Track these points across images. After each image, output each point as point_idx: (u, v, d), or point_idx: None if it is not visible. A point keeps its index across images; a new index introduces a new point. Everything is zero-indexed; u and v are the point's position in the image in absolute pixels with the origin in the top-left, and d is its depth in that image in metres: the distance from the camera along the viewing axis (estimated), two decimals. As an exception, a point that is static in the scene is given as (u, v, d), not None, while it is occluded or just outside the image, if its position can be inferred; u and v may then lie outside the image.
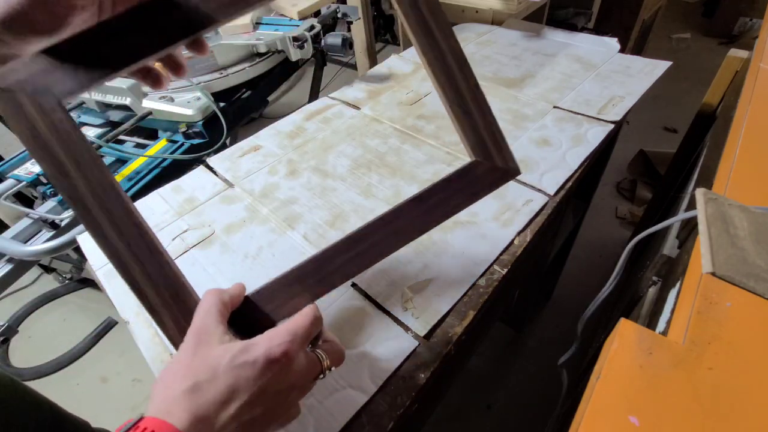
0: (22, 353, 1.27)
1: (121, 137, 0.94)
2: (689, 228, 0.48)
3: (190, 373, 0.25)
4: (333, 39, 0.97)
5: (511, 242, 0.50)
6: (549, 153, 0.62)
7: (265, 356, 0.26)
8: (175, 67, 0.34)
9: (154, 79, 0.34)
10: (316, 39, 0.99)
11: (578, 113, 0.69)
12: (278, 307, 0.32)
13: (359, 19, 1.15)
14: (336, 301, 0.46)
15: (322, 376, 0.30)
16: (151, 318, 0.30)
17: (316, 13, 1.11)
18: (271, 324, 0.31)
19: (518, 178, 0.58)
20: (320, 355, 0.30)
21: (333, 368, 0.31)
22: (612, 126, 0.66)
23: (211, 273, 0.50)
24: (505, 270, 0.48)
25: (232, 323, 0.30)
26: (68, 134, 0.28)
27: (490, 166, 0.36)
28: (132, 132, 0.97)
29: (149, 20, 0.28)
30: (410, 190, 0.58)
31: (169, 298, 0.30)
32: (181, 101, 0.91)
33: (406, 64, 0.87)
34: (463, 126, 0.36)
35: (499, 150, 0.36)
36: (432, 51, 0.35)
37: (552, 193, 0.56)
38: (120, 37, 0.28)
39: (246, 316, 0.31)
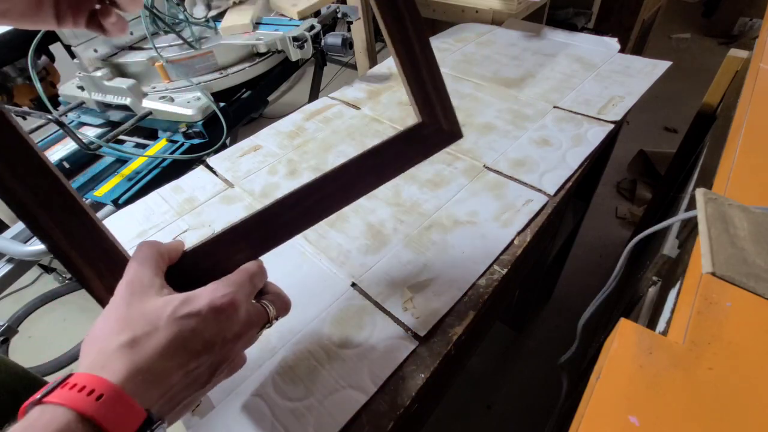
0: (22, 353, 1.27)
1: (121, 137, 0.94)
2: (689, 228, 0.48)
3: (126, 326, 0.23)
4: (333, 39, 0.97)
5: (511, 242, 0.50)
6: (549, 153, 0.62)
7: (209, 305, 0.25)
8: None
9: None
10: (316, 39, 0.99)
11: (578, 113, 0.69)
12: (218, 262, 0.30)
13: (359, 19, 1.15)
14: (336, 301, 0.46)
15: (268, 325, 0.30)
16: (75, 280, 0.28)
17: (316, 13, 1.11)
18: (211, 278, 0.29)
19: (518, 178, 0.58)
20: (266, 305, 0.30)
21: (279, 318, 0.31)
22: (612, 126, 0.66)
23: (211, 273, 0.50)
24: (505, 270, 0.48)
25: (168, 279, 0.28)
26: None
27: (437, 127, 0.38)
28: (132, 132, 0.97)
29: None
30: (410, 189, 0.58)
31: (94, 255, 0.28)
32: (181, 101, 0.91)
33: (406, 64, 0.87)
34: (413, 88, 0.37)
35: (446, 114, 0.38)
36: (390, 12, 0.36)
37: (552, 193, 0.56)
38: None
39: (184, 271, 0.29)
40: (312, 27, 0.99)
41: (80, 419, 0.20)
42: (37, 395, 0.20)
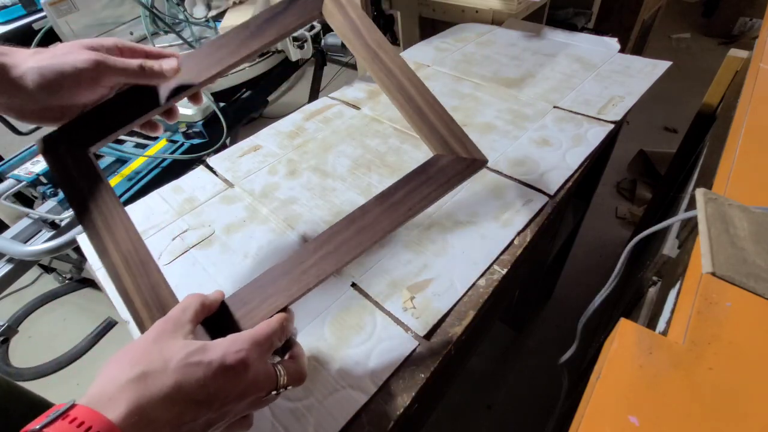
0: (22, 353, 1.27)
1: (121, 137, 0.94)
2: (689, 228, 0.48)
3: (142, 359, 0.24)
4: (333, 39, 0.97)
5: (511, 242, 0.50)
6: (549, 153, 0.62)
7: (221, 360, 0.25)
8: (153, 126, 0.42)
9: (151, 127, 0.41)
10: (316, 39, 0.99)
11: (578, 113, 0.69)
12: (251, 311, 0.32)
13: (359, 19, 1.15)
14: (336, 301, 0.46)
15: (275, 392, 0.28)
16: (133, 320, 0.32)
17: (316, 13, 1.11)
18: (239, 329, 0.31)
19: (518, 177, 0.58)
20: (279, 370, 0.29)
21: (289, 387, 0.29)
22: (612, 126, 0.66)
23: (211, 273, 0.50)
24: (505, 270, 0.47)
25: (206, 328, 0.30)
26: (90, 172, 0.36)
27: (453, 157, 0.36)
28: (132, 132, 0.97)
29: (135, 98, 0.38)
30: (410, 190, 0.58)
31: (151, 302, 0.32)
32: (181, 101, 0.91)
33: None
34: (418, 125, 0.37)
35: (461, 143, 0.37)
36: (377, 64, 0.40)
37: (552, 193, 0.56)
38: (120, 111, 0.37)
39: (219, 320, 0.31)
40: (312, 27, 0.99)
41: None
42: (37, 424, 0.21)
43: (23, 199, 0.91)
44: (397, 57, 0.40)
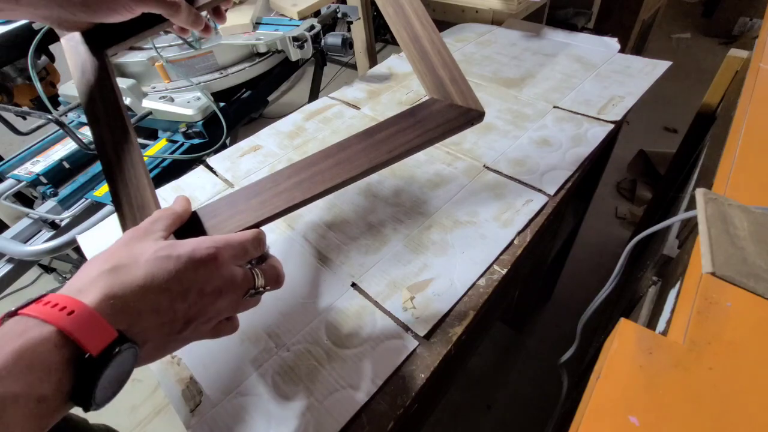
0: (22, 353, 1.27)
1: (121, 137, 0.94)
2: (689, 228, 0.48)
3: (113, 257, 0.25)
4: (333, 39, 0.97)
5: (511, 242, 0.50)
6: (549, 153, 0.62)
7: (189, 254, 0.26)
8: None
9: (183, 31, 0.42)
10: (316, 39, 0.99)
11: (578, 113, 0.69)
12: (220, 222, 0.32)
13: (359, 19, 1.15)
14: (336, 301, 0.46)
15: (253, 291, 0.30)
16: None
17: (316, 13, 1.11)
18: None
19: (518, 178, 0.58)
20: (255, 272, 0.30)
21: (269, 288, 0.31)
22: (612, 126, 0.66)
23: (211, 273, 0.50)
24: (505, 270, 0.47)
25: (178, 238, 0.30)
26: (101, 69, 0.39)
27: (447, 103, 0.35)
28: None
29: None
30: (410, 190, 0.58)
31: (136, 204, 0.34)
32: (181, 101, 0.91)
33: (406, 64, 0.87)
34: (418, 65, 0.36)
35: (460, 91, 0.35)
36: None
37: (552, 193, 0.56)
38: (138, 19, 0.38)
39: (189, 230, 0.32)
40: (312, 27, 0.99)
41: (53, 330, 0.21)
42: (12, 308, 0.22)
43: (23, 199, 0.91)
44: None
